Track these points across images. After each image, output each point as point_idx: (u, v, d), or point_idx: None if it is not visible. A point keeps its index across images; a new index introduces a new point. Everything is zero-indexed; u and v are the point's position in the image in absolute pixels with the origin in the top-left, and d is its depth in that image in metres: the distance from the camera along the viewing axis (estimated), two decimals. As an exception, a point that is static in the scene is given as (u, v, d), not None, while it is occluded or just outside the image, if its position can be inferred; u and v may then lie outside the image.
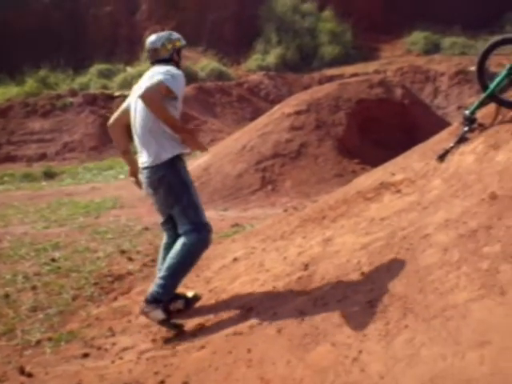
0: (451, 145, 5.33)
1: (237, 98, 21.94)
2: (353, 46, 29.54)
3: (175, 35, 4.82)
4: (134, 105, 4.63)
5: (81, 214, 9.54)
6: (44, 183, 14.75)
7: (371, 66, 25.96)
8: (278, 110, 12.56)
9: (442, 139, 5.94)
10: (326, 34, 28.88)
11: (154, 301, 4.32)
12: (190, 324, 4.37)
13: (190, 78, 23.76)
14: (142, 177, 4.67)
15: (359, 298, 3.60)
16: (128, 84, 23.74)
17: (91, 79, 25.92)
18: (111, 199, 10.81)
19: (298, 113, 11.66)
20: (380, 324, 3.21)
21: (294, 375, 3.14)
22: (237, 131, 14.17)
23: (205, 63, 26.00)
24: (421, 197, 4.68)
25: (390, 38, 30.24)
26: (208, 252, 5.81)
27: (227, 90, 22.08)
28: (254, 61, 27.40)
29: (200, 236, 4.50)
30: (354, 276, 3.93)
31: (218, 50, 27.25)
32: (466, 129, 5.40)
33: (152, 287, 4.42)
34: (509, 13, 32.39)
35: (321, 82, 21.98)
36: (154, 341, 4.28)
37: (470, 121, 5.42)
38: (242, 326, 3.95)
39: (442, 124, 10.53)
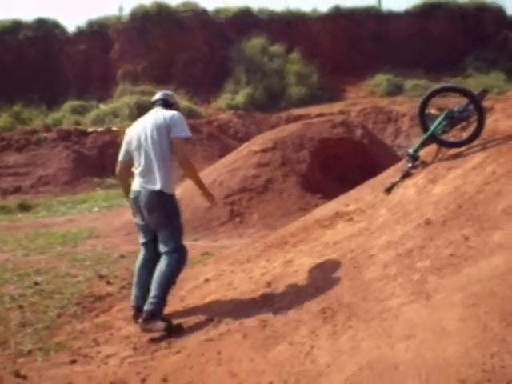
0: (397, 179, 6.05)
1: (207, 135, 22.42)
2: (319, 87, 30.45)
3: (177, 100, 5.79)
4: (150, 134, 5.24)
5: (58, 244, 9.91)
6: (20, 215, 15.00)
7: (336, 107, 26.77)
8: (245, 148, 13.12)
9: (390, 174, 6.69)
10: (293, 75, 29.79)
11: (153, 316, 4.95)
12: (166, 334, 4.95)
13: (161, 115, 24.42)
14: (139, 196, 5.27)
15: (313, 307, 4.23)
16: (100, 120, 24.30)
17: (64, 115, 26.36)
18: (87, 230, 11.19)
19: (264, 150, 12.22)
20: (329, 326, 3.84)
21: (257, 369, 3.74)
22: (207, 167, 14.65)
23: (175, 102, 26.66)
24: (369, 224, 5.38)
25: (354, 80, 31.30)
26: (181, 275, 6.44)
27: (197, 128, 22.53)
28: (223, 100, 28.09)
29: (181, 256, 5.26)
30: (310, 290, 4.57)
31: (188, 89, 27.81)
32: (409, 165, 6.14)
33: (146, 307, 5.01)
34: (470, 56, 33.82)
35: (288, 121, 22.63)
36: (134, 349, 4.81)
37: (413, 158, 6.16)
38: (213, 334, 4.55)
39: (398, 162, 11.19)
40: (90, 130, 21.71)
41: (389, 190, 5.98)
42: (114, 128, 21.96)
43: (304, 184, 11.62)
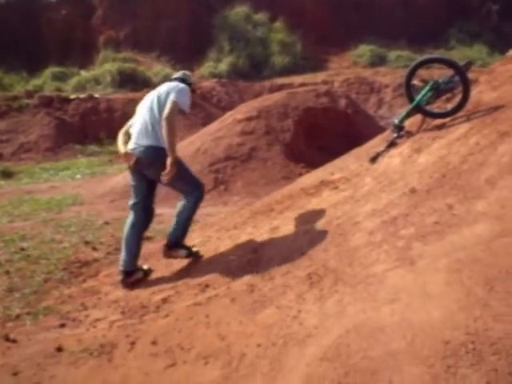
0: (382, 149, 6.13)
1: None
2: (302, 56, 30.39)
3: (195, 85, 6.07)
4: (156, 98, 5.59)
5: (43, 210, 9.90)
6: (2, 182, 14.93)
7: (319, 77, 26.75)
8: (230, 116, 13.14)
9: (375, 144, 6.77)
10: (276, 44, 29.67)
11: (176, 245, 5.64)
12: (154, 299, 5.02)
13: (144, 83, 24.22)
14: (135, 153, 5.49)
15: (300, 272, 4.32)
16: (82, 87, 24.09)
17: (45, 82, 26.11)
18: (71, 196, 11.17)
19: (248, 119, 12.25)
20: (316, 290, 3.93)
21: (245, 331, 3.83)
22: (189, 136, 14.64)
23: (158, 69, 26.44)
24: (354, 192, 5.47)
25: (337, 50, 31.24)
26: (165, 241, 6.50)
27: (180, 96, 22.43)
28: (206, 68, 27.94)
29: (198, 195, 5.66)
30: (296, 256, 4.66)
31: (171, 56, 27.67)
32: (395, 135, 6.22)
33: (170, 237, 5.70)
34: (453, 28, 33.83)
35: (271, 90, 22.61)
36: (123, 313, 4.89)
37: (398, 128, 6.24)
38: (201, 298, 4.63)
39: (381, 132, 11.29)
40: (72, 96, 21.53)
41: (374, 160, 6.06)
42: (96, 95, 21.81)
43: (288, 153, 11.72)
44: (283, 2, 32.62)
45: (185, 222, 5.68)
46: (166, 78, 24.67)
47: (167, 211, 9.47)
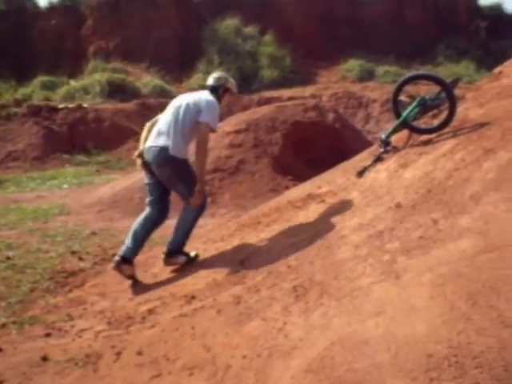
0: (369, 163, 6.19)
1: (178, 115, 22.36)
2: (291, 70, 30.54)
3: (232, 80, 6.25)
4: (184, 105, 5.80)
5: (29, 219, 9.83)
6: (-12, 190, 14.80)
7: (308, 90, 26.88)
8: (218, 129, 13.17)
9: (362, 158, 6.83)
10: (266, 57, 29.82)
11: (175, 253, 5.86)
12: (140, 309, 5.03)
13: (133, 93, 24.25)
14: (147, 151, 5.82)
15: (286, 284, 4.35)
16: (71, 97, 24.07)
17: (34, 91, 26.05)
18: (57, 206, 11.11)
19: (237, 132, 12.29)
20: (301, 303, 3.96)
21: (231, 343, 3.86)
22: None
23: (147, 80, 26.48)
24: (341, 206, 5.52)
25: (326, 65, 31.44)
26: (153, 252, 6.54)
27: (169, 107, 22.48)
28: (195, 80, 27.95)
29: (201, 206, 5.89)
30: (282, 268, 4.69)
31: (160, 67, 27.72)
32: (381, 150, 6.28)
33: (170, 246, 5.93)
34: (440, 45, 34.17)
35: (259, 103, 22.71)
36: (109, 323, 4.90)
37: (385, 144, 6.30)
38: (187, 310, 4.65)
39: (368, 146, 11.38)
40: (61, 106, 21.50)
41: (360, 174, 6.12)
42: (85, 105, 21.81)
43: (276, 166, 11.74)
44: (273, 15, 32.83)
45: (186, 230, 5.96)
46: (155, 89, 24.98)
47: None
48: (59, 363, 4.24)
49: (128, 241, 5.86)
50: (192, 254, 5.92)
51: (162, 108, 5.71)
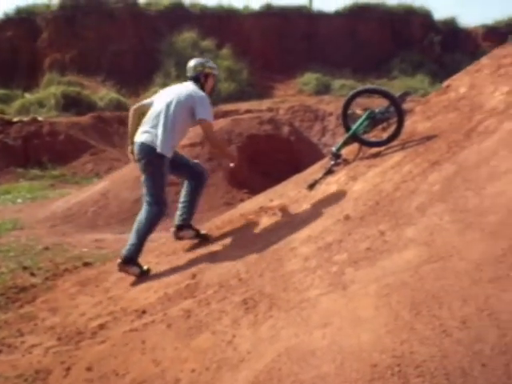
0: (320, 176, 6.26)
1: (134, 128, 22.22)
2: (248, 83, 30.58)
3: (210, 63, 6.32)
4: (175, 99, 5.92)
5: (-18, 234, 9.72)
6: None
7: (265, 104, 26.94)
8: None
9: (313, 171, 6.90)
10: (223, 70, 29.80)
11: (130, 261, 5.76)
12: (91, 325, 4.99)
13: (88, 106, 24.04)
14: (136, 147, 5.98)
15: (236, 297, 4.36)
16: (25, 110, 23.75)
17: (-12, 104, 25.67)
18: (11, 221, 10.94)
19: (192, 145, 12.26)
20: (251, 316, 3.98)
21: (180, 356, 3.86)
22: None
23: (103, 93, 26.27)
24: (292, 218, 5.57)
25: (283, 78, 31.59)
26: (106, 267, 6.50)
27: (125, 120, 22.05)
28: (152, 93, 27.66)
29: (159, 210, 6.00)
30: (233, 281, 4.70)
31: (117, 80, 27.52)
32: (332, 163, 6.36)
33: (125, 252, 5.79)
34: (395, 59, 34.69)
35: (216, 116, 22.42)
36: (59, 339, 4.85)
37: (335, 156, 6.38)
38: (137, 324, 4.63)
39: (323, 159, 11.49)
40: (15, 119, 21.17)
41: (311, 187, 6.18)
42: (40, 118, 21.50)
43: (231, 179, 11.75)
44: (230, 29, 32.92)
45: (141, 237, 5.89)
46: (111, 102, 24.79)
47: (107, 237, 9.43)
48: (8, 379, 4.20)
49: (131, 240, 5.89)
50: (145, 267, 5.87)
51: (118, 121, 5.70)
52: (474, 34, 38.56)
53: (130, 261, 5.78)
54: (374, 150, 6.32)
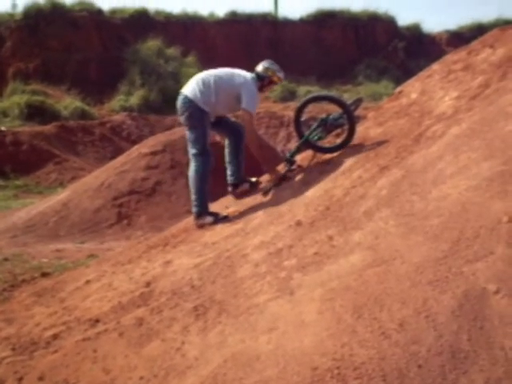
0: (273, 183, 6.32)
1: (99, 137, 22.06)
2: (213, 90, 30.61)
3: (280, 74, 6.66)
4: (225, 75, 6.48)
5: None
6: None
7: (230, 111, 26.96)
8: (135, 150, 13.13)
9: (269, 178, 6.95)
10: (188, 78, 29.58)
11: (200, 214, 6.27)
12: (45, 335, 4.97)
13: (52, 115, 23.85)
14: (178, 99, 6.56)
15: (187, 305, 4.39)
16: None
17: (-51, 114, 25.31)
18: (-30, 232, 10.90)
19: (154, 153, 12.27)
20: (201, 322, 4.01)
21: (130, 365, 3.87)
22: (98, 169, 14.57)
23: (68, 102, 26.05)
24: (245, 225, 5.61)
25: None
26: (63, 277, 6.47)
27: (89, 129, 22.21)
28: (117, 101, 27.72)
29: (205, 158, 6.44)
30: (186, 289, 4.72)
31: (81, 89, 27.33)
32: (286, 169, 6.42)
33: (193, 209, 6.37)
34: (360, 65, 35.04)
35: (182, 124, 22.64)
36: (13, 349, 4.80)
37: (290, 162, 6.45)
38: (90, 333, 4.62)
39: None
40: (-23, 128, 20.95)
41: (266, 193, 6.24)
42: (3, 128, 21.28)
43: (193, 187, 11.75)
44: (195, 37, 32.99)
45: (198, 190, 6.41)
46: (76, 111, 24.63)
47: (68, 247, 9.39)
48: (-39, 392, 4.17)
49: (192, 196, 6.45)
50: (222, 214, 6.31)
51: (82, 130, 5.71)
52: (437, 40, 39.17)
53: (201, 214, 6.27)
54: (328, 155, 6.40)
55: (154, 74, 29.20)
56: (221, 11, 44.72)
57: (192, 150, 6.46)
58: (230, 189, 6.89)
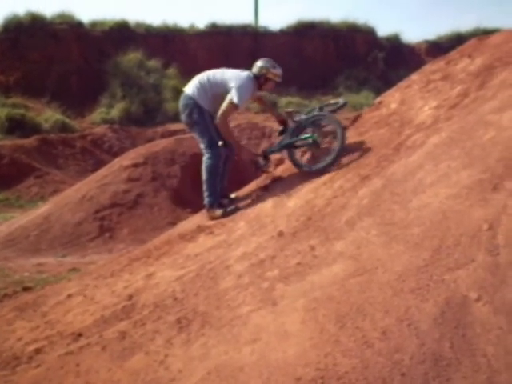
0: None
1: (80, 150, 21.95)
2: (195, 102, 30.61)
3: (275, 70, 6.90)
4: (221, 71, 6.72)
5: None
6: None
7: (212, 122, 26.98)
8: (117, 163, 13.09)
9: (251, 188, 6.97)
10: (169, 90, 29.73)
11: (211, 206, 6.52)
12: (27, 349, 4.93)
13: (33, 129, 23.71)
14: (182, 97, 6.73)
15: (170, 317, 4.37)
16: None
17: None
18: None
19: (135, 165, 12.25)
20: (184, 335, 4.00)
21: (113, 378, 3.84)
22: (79, 182, 14.51)
23: (49, 115, 25.89)
24: (228, 236, 5.60)
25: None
26: (44, 291, 6.42)
27: (70, 142, 22.09)
28: (98, 114, 27.56)
29: (213, 152, 6.51)
30: (169, 302, 4.70)
31: (62, 102, 27.20)
32: (262, 163, 6.52)
33: (205, 202, 6.62)
34: (340, 76, 35.20)
35: (164, 136, 22.61)
36: (-6, 365, 4.79)
37: (265, 158, 6.59)
38: (73, 347, 4.58)
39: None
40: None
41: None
42: (-17, 142, 21.17)
43: (175, 198, 11.75)
44: (176, 49, 32.99)
45: (209, 184, 6.60)
46: (57, 124, 24.51)
47: (49, 261, 9.33)
48: None
49: (204, 189, 6.68)
50: (229, 207, 6.47)
51: (63, 143, 5.68)
52: (417, 50, 39.42)
53: (212, 206, 6.52)
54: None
55: (135, 86, 29.11)
56: (201, 23, 44.70)
57: (201, 145, 6.64)
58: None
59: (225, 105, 6.36)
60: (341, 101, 7.10)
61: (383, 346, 2.99)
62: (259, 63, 6.76)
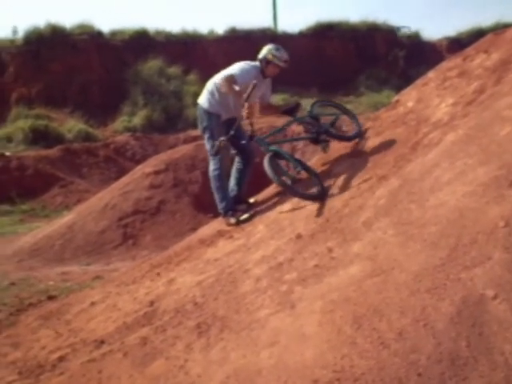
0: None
1: (103, 158, 22.10)
2: (216, 107, 30.67)
3: (277, 52, 6.82)
4: (216, 77, 6.80)
5: None
6: None
7: (233, 127, 27.00)
8: (138, 170, 13.18)
9: (268, 193, 6.98)
10: (190, 96, 29.75)
11: (226, 213, 6.58)
12: (51, 358, 4.99)
13: (56, 139, 23.93)
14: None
15: (190, 322, 4.40)
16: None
17: (-46, 142, 25.41)
18: (-22, 258, 10.93)
19: (157, 172, 12.32)
20: (203, 339, 4.02)
21: (134, 384, 3.89)
22: (102, 191, 14.61)
23: (71, 125, 26.10)
24: (247, 240, 5.62)
25: (251, 100, 31.76)
26: (68, 299, 6.49)
27: (94, 151, 22.24)
28: (120, 122, 27.69)
29: (216, 161, 6.66)
30: (189, 307, 4.73)
31: (84, 111, 27.38)
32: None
33: (219, 209, 6.69)
34: (361, 76, 35.06)
35: (186, 142, 22.63)
36: (20, 373, 4.83)
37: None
38: (95, 355, 4.63)
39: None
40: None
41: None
42: (7, 153, 21.37)
43: (196, 204, 11.78)
44: (196, 55, 33.08)
45: (218, 191, 6.71)
46: (80, 134, 24.72)
47: (74, 269, 9.42)
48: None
49: (216, 198, 6.75)
50: (243, 217, 6.48)
51: (86, 152, 5.75)
52: (438, 47, 39.06)
53: (226, 213, 6.59)
54: (325, 167, 6.43)
55: (156, 93, 29.22)
56: (220, 28, 44.81)
57: (208, 153, 6.74)
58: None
59: (226, 77, 6.38)
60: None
61: (399, 346, 2.98)
62: (265, 47, 6.84)
